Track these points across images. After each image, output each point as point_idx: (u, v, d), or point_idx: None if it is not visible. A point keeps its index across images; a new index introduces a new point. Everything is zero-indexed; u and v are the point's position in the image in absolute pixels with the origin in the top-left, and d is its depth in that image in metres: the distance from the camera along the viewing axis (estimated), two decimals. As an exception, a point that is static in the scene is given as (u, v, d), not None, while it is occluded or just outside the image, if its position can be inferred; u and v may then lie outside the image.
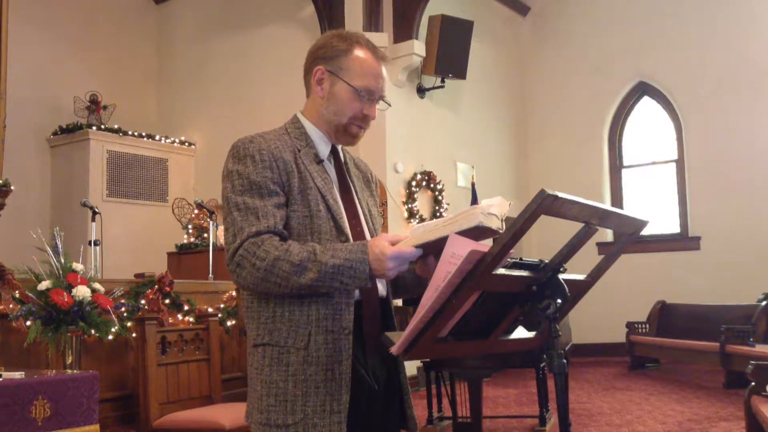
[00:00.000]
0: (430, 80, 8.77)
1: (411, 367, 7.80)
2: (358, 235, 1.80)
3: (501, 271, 1.70)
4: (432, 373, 5.91)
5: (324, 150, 1.83)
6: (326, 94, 1.81)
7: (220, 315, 5.36)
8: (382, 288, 1.84)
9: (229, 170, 1.71)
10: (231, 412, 3.86)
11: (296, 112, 1.89)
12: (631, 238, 2.12)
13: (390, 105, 1.90)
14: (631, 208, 10.14)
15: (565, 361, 1.82)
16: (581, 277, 2.09)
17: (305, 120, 1.85)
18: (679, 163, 10.05)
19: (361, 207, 1.87)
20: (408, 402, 1.89)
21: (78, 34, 9.43)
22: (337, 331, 1.70)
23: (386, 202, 8.08)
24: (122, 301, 4.50)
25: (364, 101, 1.81)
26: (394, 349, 1.80)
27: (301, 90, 1.99)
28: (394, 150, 8.26)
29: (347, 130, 1.83)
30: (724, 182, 9.43)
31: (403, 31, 8.30)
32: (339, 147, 1.90)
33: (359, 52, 1.81)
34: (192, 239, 8.14)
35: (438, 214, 8.71)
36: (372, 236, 1.85)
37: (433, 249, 1.66)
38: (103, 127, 8.74)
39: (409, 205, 8.38)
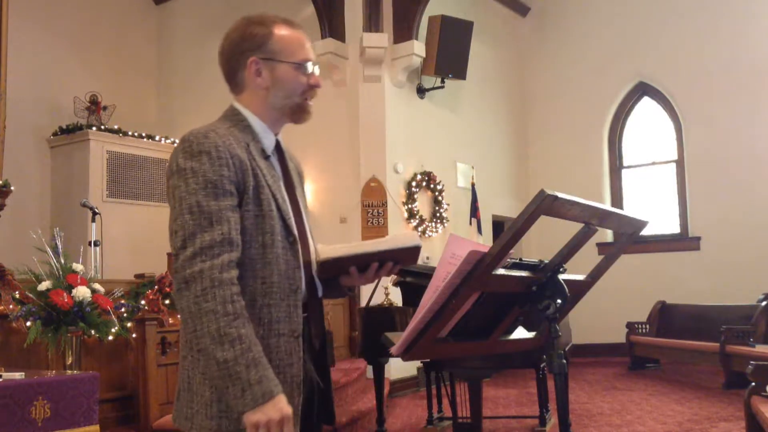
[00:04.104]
0: (430, 80, 8.77)
1: (411, 367, 7.80)
2: (302, 234, 1.76)
3: (501, 271, 1.70)
4: (432, 374, 5.91)
5: (269, 144, 1.78)
6: (270, 82, 1.75)
7: (220, 315, 5.34)
8: (320, 289, 1.82)
9: (181, 167, 1.61)
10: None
11: (232, 103, 1.81)
12: (631, 238, 2.12)
13: (316, 69, 1.82)
14: (631, 209, 10.15)
15: (565, 361, 1.82)
16: (581, 277, 2.10)
17: (247, 111, 1.77)
18: (679, 163, 10.05)
19: (301, 203, 1.83)
20: (332, 398, 1.88)
21: (78, 35, 9.43)
22: (288, 335, 1.68)
23: (386, 202, 8.08)
24: (122, 301, 4.49)
25: (307, 73, 1.77)
26: (393, 350, 1.80)
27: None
28: (394, 150, 8.26)
29: (302, 107, 1.79)
30: (724, 182, 9.43)
31: (403, 32, 8.30)
32: (281, 139, 1.84)
33: (280, 31, 1.77)
34: (192, 240, 8.12)
35: (438, 214, 8.71)
36: (311, 234, 1.82)
37: (357, 262, 1.73)
38: (103, 127, 8.73)
39: (409, 206, 8.37)
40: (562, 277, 1.84)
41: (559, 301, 1.79)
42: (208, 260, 1.55)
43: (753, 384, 3.87)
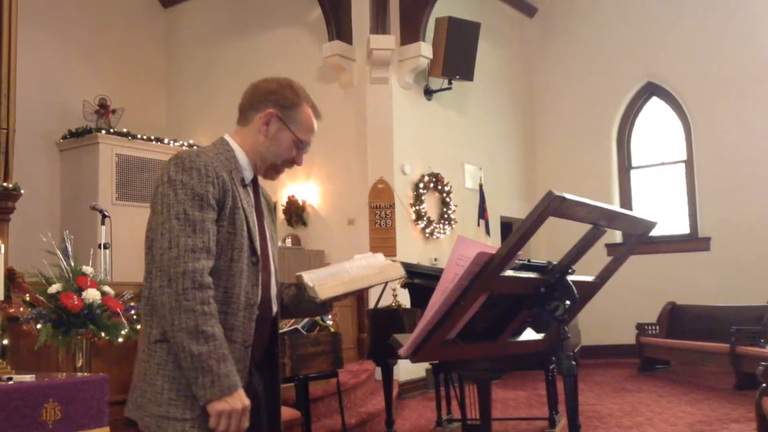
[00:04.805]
0: (437, 82, 8.77)
1: (420, 368, 7.79)
2: (266, 257, 1.96)
3: (509, 273, 1.70)
4: (441, 375, 5.90)
5: (248, 176, 1.99)
6: (270, 136, 1.97)
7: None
8: (276, 309, 2.01)
9: (172, 178, 1.80)
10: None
11: (224, 136, 2.01)
12: (640, 239, 2.11)
13: (306, 152, 2.07)
14: (639, 210, 10.11)
15: (574, 363, 1.82)
16: (590, 278, 2.09)
17: (235, 145, 1.98)
18: (689, 163, 10.01)
19: (268, 231, 2.03)
20: (279, 414, 2.03)
21: (87, 39, 9.48)
22: (240, 343, 1.84)
23: (394, 204, 8.08)
24: (132, 303, 4.51)
25: (299, 150, 2.02)
26: (402, 351, 1.80)
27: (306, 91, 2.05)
28: (402, 152, 8.26)
29: (276, 170, 2.03)
30: (734, 183, 9.38)
31: (410, 34, 8.30)
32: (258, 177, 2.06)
33: (307, 109, 2.01)
34: (200, 242, 8.14)
35: (446, 215, 8.70)
36: (274, 258, 2.01)
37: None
38: (112, 130, 8.76)
39: (417, 207, 8.37)
40: (570, 278, 1.83)
41: (567, 302, 1.79)
42: (191, 263, 1.73)
43: (764, 385, 3.85)
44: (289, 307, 2.12)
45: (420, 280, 4.98)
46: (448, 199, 8.75)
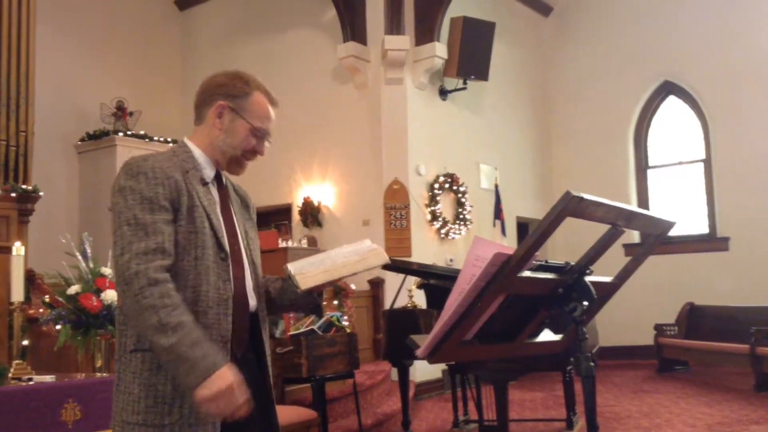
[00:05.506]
0: (452, 82, 8.75)
1: (436, 369, 7.78)
2: (236, 252, 1.94)
3: (526, 273, 1.70)
4: (457, 376, 5.89)
5: (209, 174, 1.98)
6: (225, 127, 1.97)
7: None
8: (253, 303, 1.97)
9: (121, 186, 1.83)
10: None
11: (183, 138, 2.03)
12: (658, 239, 2.10)
13: (270, 143, 2.05)
14: (657, 209, 10.03)
15: (592, 364, 1.81)
16: (608, 279, 2.08)
17: (193, 146, 2.00)
18: (707, 162, 9.91)
19: (239, 227, 2.02)
20: (273, 410, 1.99)
21: (103, 42, 9.56)
22: (217, 341, 1.81)
23: (409, 204, 8.08)
24: (149, 305, 4.53)
25: (257, 139, 2.00)
26: (419, 352, 1.80)
27: (321, 93, 2.06)
28: (417, 152, 8.25)
29: (239, 162, 2.02)
30: (753, 182, 9.27)
31: (425, 34, 8.29)
32: (222, 172, 2.05)
33: (260, 97, 2.00)
34: (217, 243, 8.19)
35: (461, 216, 8.68)
36: (247, 254, 1.99)
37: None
38: (129, 133, 8.84)
39: (432, 208, 8.36)
40: (588, 279, 1.82)
41: (585, 303, 1.78)
42: (143, 264, 1.72)
43: (785, 387, 3.80)
44: (275, 300, 2.09)
45: (436, 281, 4.98)
46: (463, 200, 8.73)
